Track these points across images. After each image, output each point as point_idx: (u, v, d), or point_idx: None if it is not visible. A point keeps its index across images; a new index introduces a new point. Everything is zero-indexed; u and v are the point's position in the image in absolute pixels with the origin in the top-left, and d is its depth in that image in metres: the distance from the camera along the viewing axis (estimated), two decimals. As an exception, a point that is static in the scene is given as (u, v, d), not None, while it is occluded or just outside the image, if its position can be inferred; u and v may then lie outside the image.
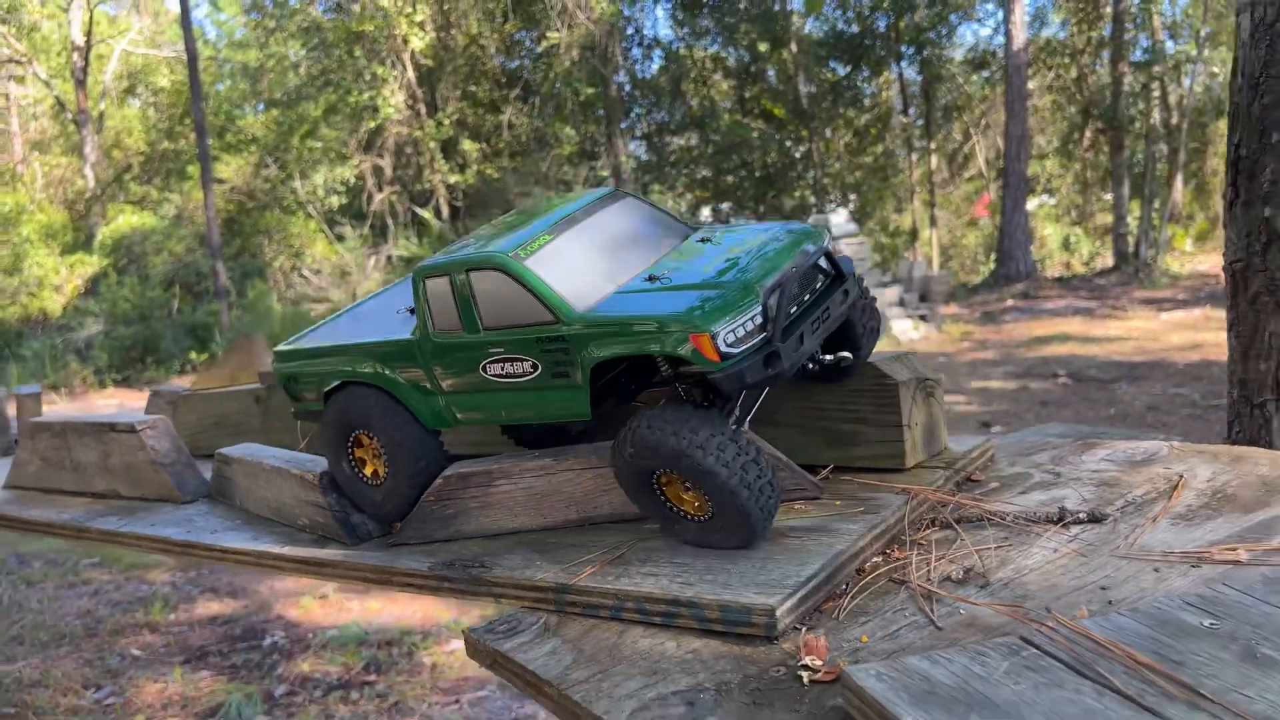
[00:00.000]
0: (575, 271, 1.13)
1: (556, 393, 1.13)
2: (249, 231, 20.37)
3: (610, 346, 1.07)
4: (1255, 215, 1.48)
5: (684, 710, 0.74)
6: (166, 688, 4.57)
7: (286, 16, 21.24)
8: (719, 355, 1.00)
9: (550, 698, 0.81)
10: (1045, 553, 0.95)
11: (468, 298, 1.16)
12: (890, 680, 0.68)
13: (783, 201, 23.81)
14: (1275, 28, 1.37)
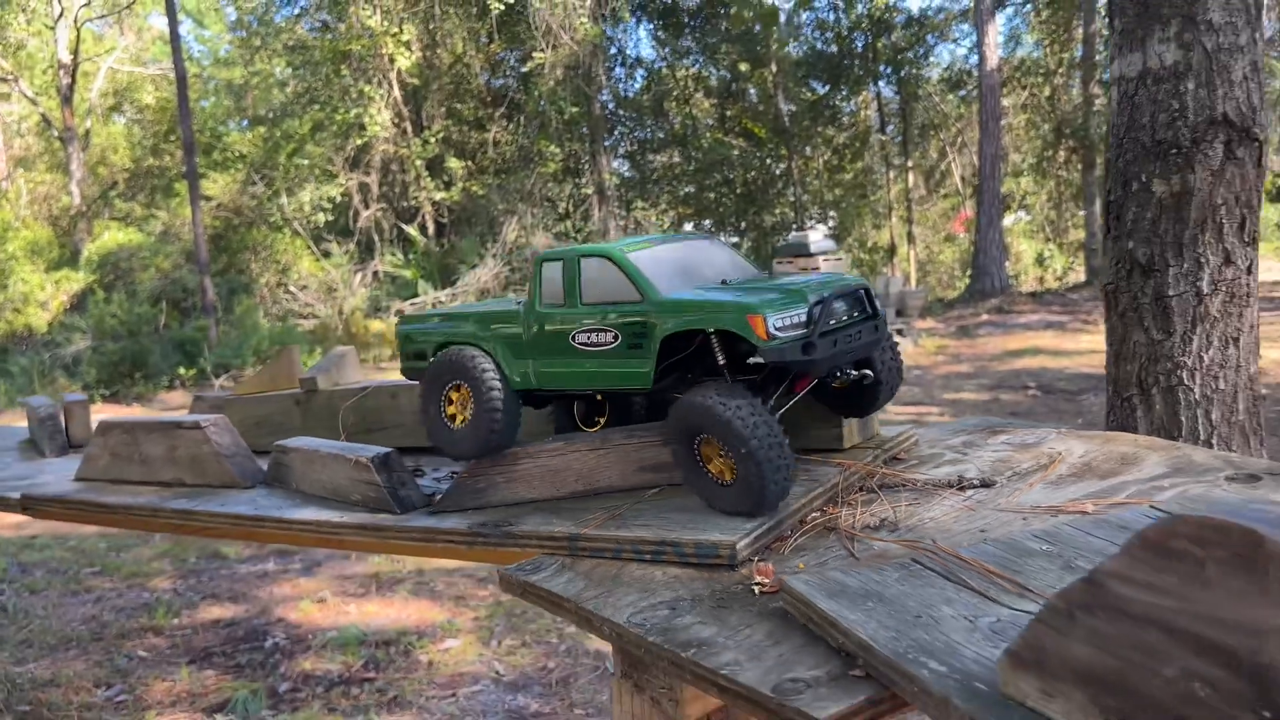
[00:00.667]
0: (664, 272, 1.42)
1: (629, 361, 1.39)
2: (236, 248, 20.55)
3: (681, 321, 1.33)
4: (1122, 248, 1.80)
5: (667, 613, 1.02)
6: (174, 685, 4.78)
7: (272, 35, 21.50)
8: (767, 335, 1.25)
9: (569, 610, 1.09)
10: (944, 508, 1.24)
11: (574, 278, 1.44)
12: (814, 585, 0.97)
13: (763, 218, 24.22)
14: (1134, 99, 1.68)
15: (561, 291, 1.46)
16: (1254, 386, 1.85)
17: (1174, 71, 1.74)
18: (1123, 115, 1.81)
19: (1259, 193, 1.80)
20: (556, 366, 1.47)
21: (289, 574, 6.43)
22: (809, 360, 1.28)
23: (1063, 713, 0.68)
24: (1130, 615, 0.62)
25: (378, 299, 18.51)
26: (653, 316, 1.36)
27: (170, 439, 1.86)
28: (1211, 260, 1.79)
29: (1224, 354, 1.80)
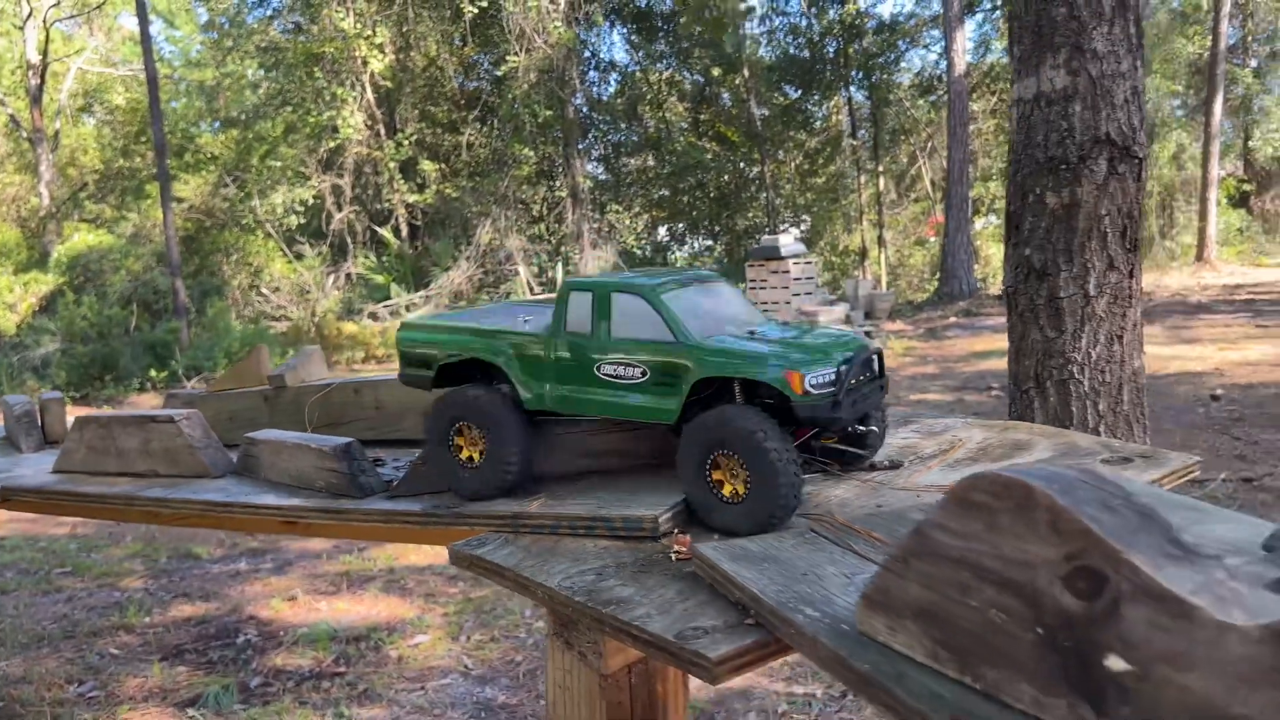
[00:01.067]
0: (693, 314, 1.49)
1: (656, 397, 1.45)
2: (208, 250, 20.49)
3: (720, 368, 1.40)
4: (1020, 254, 1.96)
5: (594, 577, 1.15)
6: (146, 681, 4.84)
7: (244, 36, 21.44)
8: (803, 391, 1.35)
9: (509, 578, 1.21)
10: (852, 487, 1.38)
11: (606, 311, 1.50)
12: (720, 549, 1.10)
13: (736, 222, 24.44)
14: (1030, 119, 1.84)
15: (590, 322, 1.51)
16: (1138, 379, 2.02)
17: (1064, 95, 1.90)
18: (1020, 134, 1.98)
19: (1140, 205, 1.96)
20: (576, 393, 1.52)
21: (260, 573, 6.49)
22: (835, 417, 1.37)
23: (903, 644, 0.82)
24: (947, 558, 0.76)
25: (351, 301, 18.53)
26: (686, 358, 1.43)
27: (145, 432, 1.96)
28: (1097, 265, 1.96)
29: (1109, 350, 1.97)
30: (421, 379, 1.68)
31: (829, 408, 1.36)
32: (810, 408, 1.36)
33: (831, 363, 1.40)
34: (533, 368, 1.56)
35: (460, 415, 1.58)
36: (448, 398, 1.61)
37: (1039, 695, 0.70)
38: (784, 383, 1.35)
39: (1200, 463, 1.38)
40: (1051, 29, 1.91)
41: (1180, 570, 0.61)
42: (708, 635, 0.97)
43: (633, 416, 1.50)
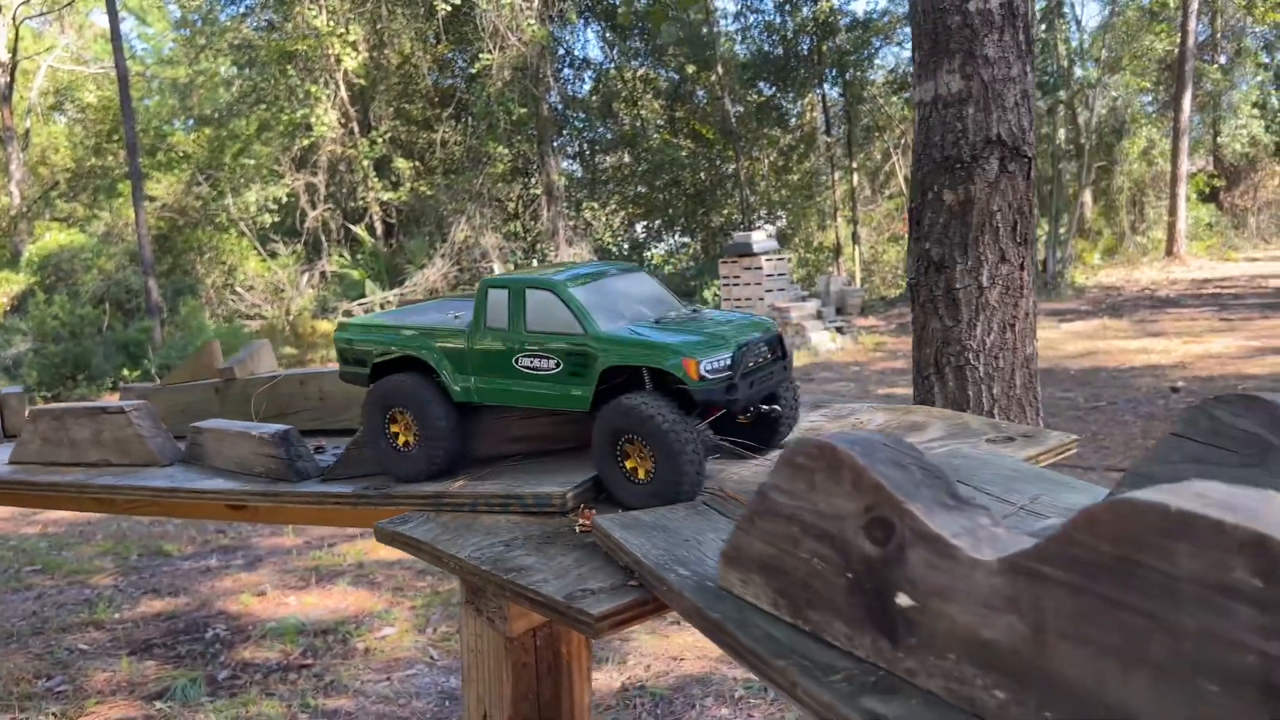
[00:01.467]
0: (603, 306, 1.58)
1: (567, 385, 1.53)
2: (181, 249, 20.40)
3: (624, 357, 1.48)
4: (921, 248, 2.07)
5: (502, 549, 1.24)
6: (114, 676, 4.90)
7: (217, 34, 21.35)
8: (698, 376, 1.43)
9: (425, 551, 1.30)
10: (756, 466, 1.48)
11: (520, 306, 1.58)
12: (615, 520, 1.20)
13: (711, 219, 24.55)
14: (928, 121, 1.94)
15: (506, 317, 1.60)
16: (1030, 365, 2.13)
17: (959, 98, 2.01)
18: (920, 134, 2.09)
19: (1030, 201, 2.07)
20: (498, 384, 1.60)
21: (231, 569, 6.54)
22: (732, 400, 1.46)
23: (752, 595, 0.92)
24: (781, 515, 0.86)
25: (325, 299, 18.51)
26: (593, 349, 1.51)
27: (96, 423, 2.04)
28: (989, 258, 2.07)
29: (1002, 338, 2.08)
30: (359, 376, 1.76)
31: (724, 391, 1.45)
32: (706, 392, 1.44)
33: (728, 348, 1.47)
34: (458, 362, 1.64)
35: (394, 402, 1.65)
36: (383, 385, 1.69)
37: (851, 633, 0.79)
38: (681, 369, 1.44)
39: (1077, 440, 1.49)
40: (947, 36, 2.02)
41: (950, 517, 0.71)
42: (594, 596, 1.06)
43: (550, 406, 1.58)
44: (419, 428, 1.62)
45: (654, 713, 4.21)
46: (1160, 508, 0.53)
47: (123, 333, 16.52)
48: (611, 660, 4.65)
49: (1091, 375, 11.09)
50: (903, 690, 0.73)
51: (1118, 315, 16.07)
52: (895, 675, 0.75)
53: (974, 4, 2.00)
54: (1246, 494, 0.53)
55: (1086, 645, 0.59)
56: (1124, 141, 25.01)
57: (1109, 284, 20.75)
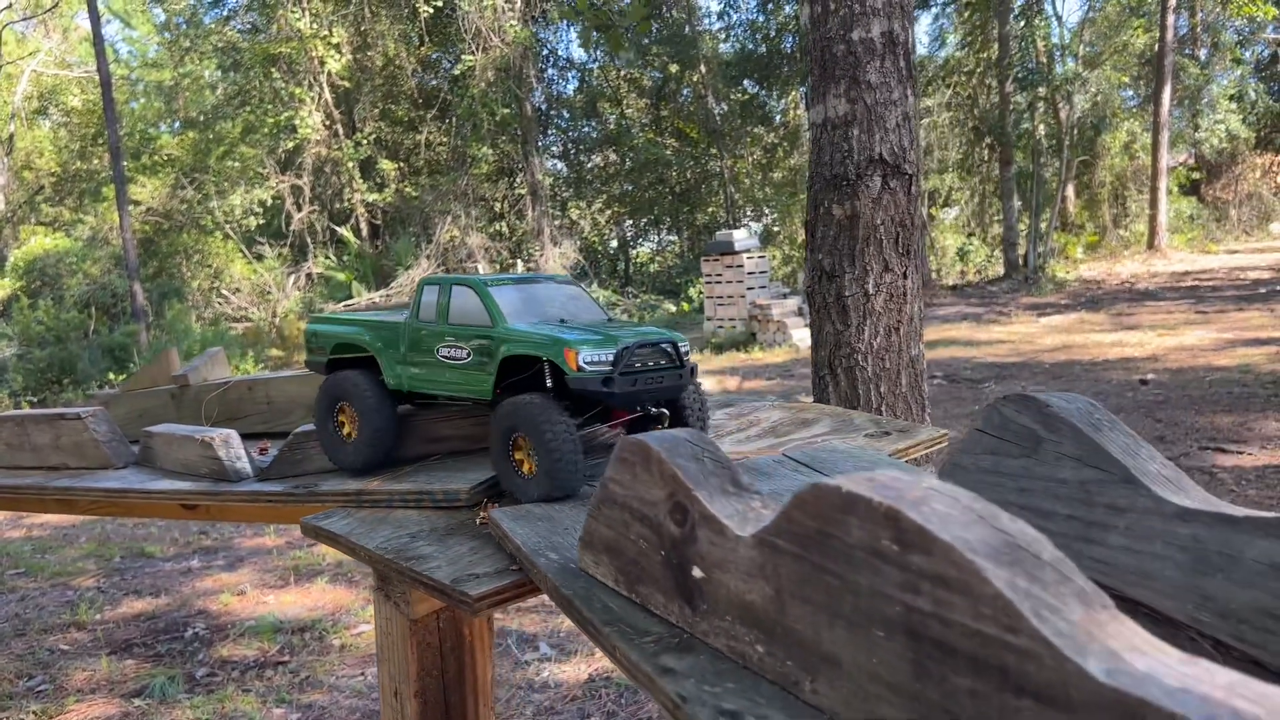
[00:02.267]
0: (517, 306, 1.71)
1: (476, 374, 1.66)
2: (166, 252, 20.45)
3: (517, 348, 1.60)
4: (815, 259, 2.22)
5: (407, 540, 1.37)
6: (94, 675, 5.01)
7: (201, 36, 21.39)
8: (577, 367, 1.52)
9: (342, 543, 1.43)
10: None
11: (446, 301, 1.72)
12: (507, 513, 1.33)
13: (697, 217, 24.70)
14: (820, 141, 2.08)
15: (435, 311, 1.74)
16: (915, 365, 2.27)
17: (845, 120, 2.15)
18: (813, 154, 2.24)
19: (912, 215, 2.21)
20: (422, 373, 1.73)
21: (211, 570, 6.65)
22: (607, 393, 1.55)
23: (601, 574, 1.05)
24: (616, 502, 0.98)
25: (312, 301, 18.58)
26: (496, 340, 1.64)
27: (55, 429, 2.16)
28: (874, 268, 2.21)
29: (888, 340, 2.22)
30: (318, 365, 1.91)
31: (600, 382, 1.54)
32: (581, 381, 1.54)
33: (612, 345, 1.57)
34: (393, 352, 1.78)
35: (341, 395, 1.79)
36: (330, 380, 1.82)
37: (665, 601, 0.92)
38: (561, 358, 1.55)
39: (946, 435, 1.62)
40: (833, 63, 2.15)
41: (728, 502, 0.84)
42: (477, 579, 1.18)
43: (458, 392, 1.70)
44: (360, 420, 1.75)
45: (619, 702, 4.33)
46: (836, 489, 0.66)
47: (108, 337, 16.58)
48: (580, 652, 4.78)
49: (1065, 369, 11.25)
50: (696, 649, 0.86)
51: (1096, 309, 16.25)
52: (694, 636, 0.88)
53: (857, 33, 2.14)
54: (904, 478, 0.66)
55: (807, 604, 0.72)
56: (1105, 136, 25.22)
57: (1090, 278, 20.95)
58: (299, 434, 1.78)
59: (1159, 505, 0.84)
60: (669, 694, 0.78)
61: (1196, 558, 0.80)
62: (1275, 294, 15.60)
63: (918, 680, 0.62)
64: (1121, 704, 0.49)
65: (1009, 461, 1.03)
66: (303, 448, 1.76)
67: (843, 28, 2.16)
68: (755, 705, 0.74)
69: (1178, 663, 0.50)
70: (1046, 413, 0.99)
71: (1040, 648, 0.53)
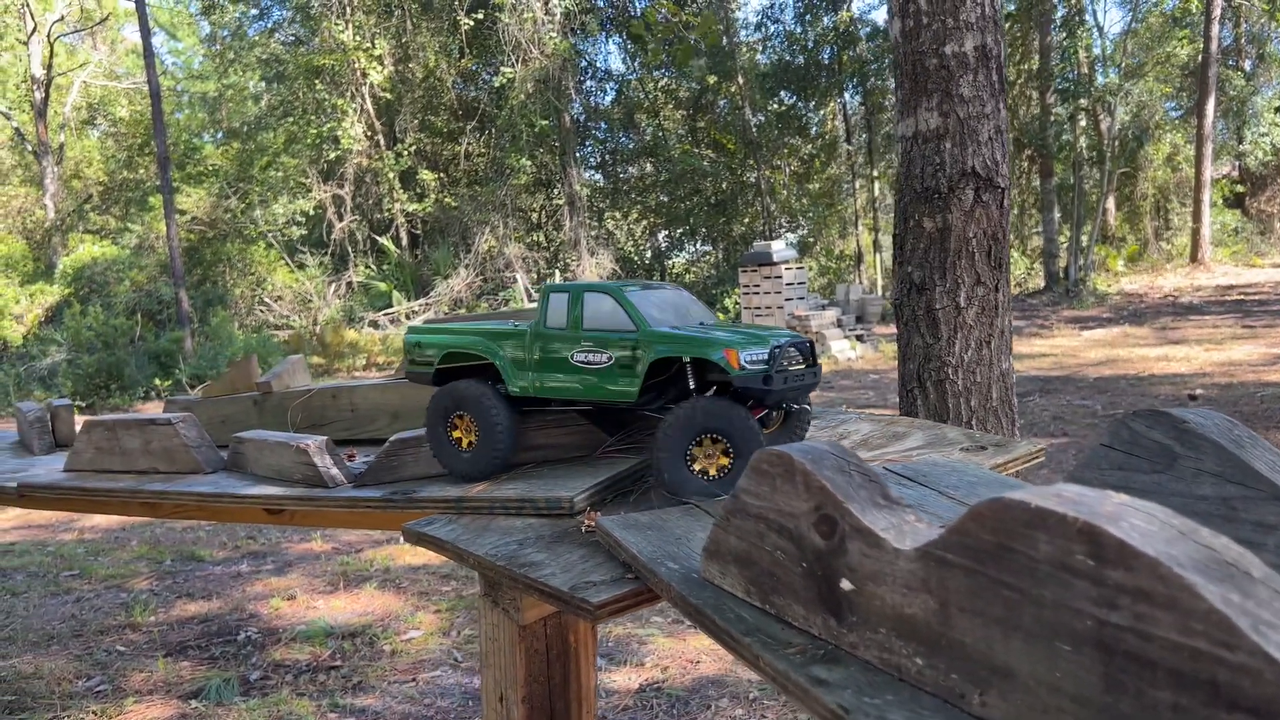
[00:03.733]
0: (652, 311, 1.73)
1: (619, 378, 1.67)
2: (210, 260, 20.77)
3: (672, 349, 1.63)
4: (904, 271, 2.21)
5: (516, 547, 1.39)
6: (152, 676, 5.08)
7: (245, 48, 21.75)
8: (739, 366, 1.56)
9: (448, 549, 1.45)
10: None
11: (578, 308, 1.74)
12: (615, 521, 1.34)
13: (733, 228, 24.69)
14: (910, 155, 2.08)
15: (566, 317, 1.74)
16: (1005, 379, 2.27)
17: (936, 134, 2.16)
18: (903, 167, 2.24)
19: (1004, 229, 2.21)
20: (556, 380, 1.74)
21: (261, 574, 6.73)
22: (766, 390, 1.58)
23: (729, 585, 1.06)
24: (749, 514, 1.00)
25: (352, 310, 18.79)
26: (642, 344, 1.66)
27: (145, 434, 2.21)
28: (966, 280, 2.21)
29: (979, 354, 2.22)
30: (424, 375, 1.91)
31: (760, 380, 1.58)
32: (744, 379, 1.58)
33: (765, 345, 1.61)
34: (519, 361, 1.78)
35: (456, 407, 1.79)
36: (445, 392, 1.82)
37: (806, 614, 0.93)
38: (723, 359, 1.58)
39: (1044, 450, 1.61)
40: (925, 77, 2.16)
41: (881, 514, 0.85)
42: (595, 587, 1.20)
43: (601, 397, 1.72)
44: (479, 429, 1.76)
45: (670, 713, 4.33)
46: (1023, 504, 0.67)
47: (154, 343, 16.85)
48: (630, 662, 4.79)
49: (1111, 383, 11.11)
50: (845, 660, 0.87)
51: (1139, 322, 16.04)
52: (840, 648, 0.89)
53: (950, 48, 2.15)
54: (1092, 494, 0.67)
55: (978, 617, 0.73)
56: (1147, 147, 24.92)
57: (1132, 291, 20.68)
58: (396, 440, 1.81)
59: (1316, 523, 0.84)
60: (828, 705, 0.79)
61: (1360, 576, 0.79)
62: (1326, 309, 15.32)
63: (1108, 693, 0.63)
64: (1355, 720, 0.49)
65: (1139, 477, 1.03)
66: (399, 455, 1.79)
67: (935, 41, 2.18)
68: (920, 716, 0.75)
69: None
70: (1183, 429, 0.99)
71: (1260, 663, 0.54)
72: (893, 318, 6.14)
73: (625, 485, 1.68)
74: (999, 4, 2.27)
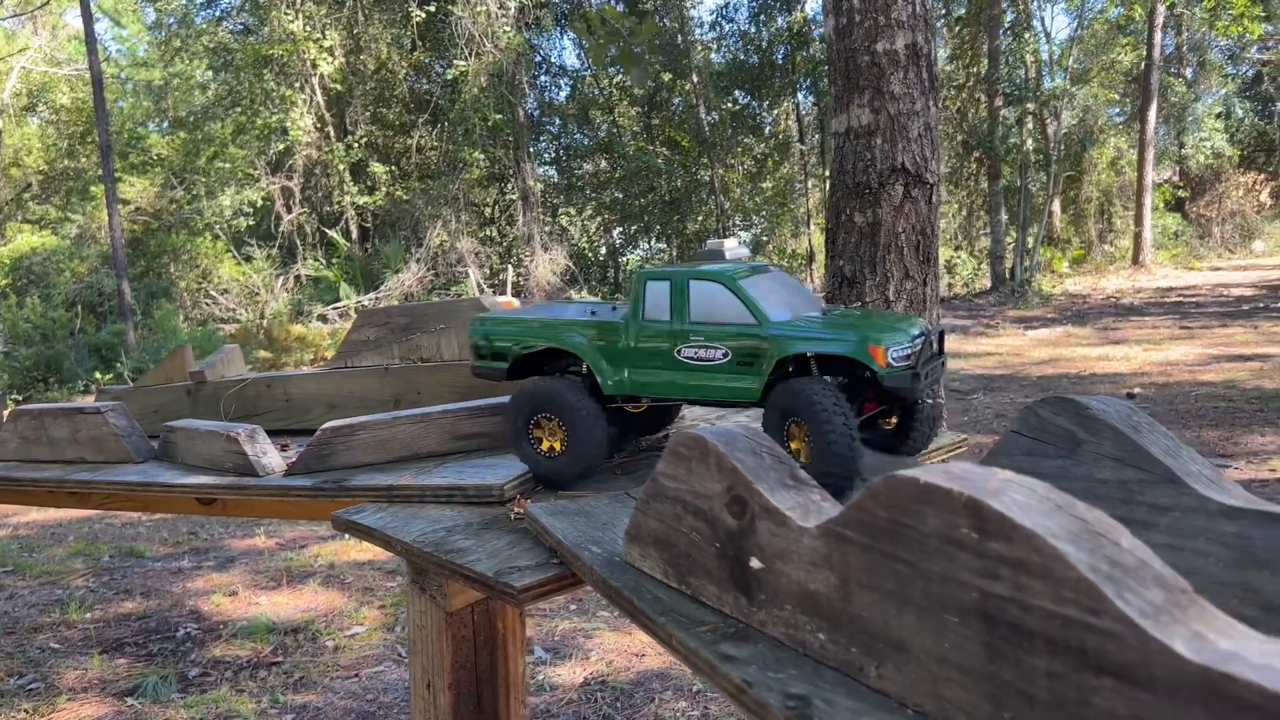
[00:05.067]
0: (770, 300, 1.56)
1: (739, 377, 1.52)
2: (155, 252, 20.35)
3: (802, 346, 1.46)
4: (836, 265, 2.26)
5: (444, 534, 1.39)
6: (86, 673, 4.98)
7: (192, 36, 21.34)
8: (886, 364, 1.42)
9: (377, 537, 1.45)
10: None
11: (684, 298, 1.56)
12: (544, 508, 1.35)
13: (687, 225, 24.76)
14: (842, 150, 2.12)
15: (668, 309, 1.57)
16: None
17: (868, 130, 2.20)
18: (836, 162, 2.28)
19: (933, 224, 2.26)
20: (657, 376, 1.57)
21: (203, 570, 6.62)
22: (915, 388, 1.44)
23: (649, 567, 1.07)
24: (668, 496, 1.01)
25: (300, 303, 18.53)
26: (768, 340, 1.50)
27: (73, 423, 2.16)
28: (895, 275, 2.26)
29: None
30: (495, 371, 1.72)
31: (910, 379, 1.45)
32: (894, 378, 1.44)
33: (907, 337, 1.48)
34: (611, 355, 1.61)
35: (541, 408, 1.61)
36: (529, 391, 1.64)
37: (720, 593, 0.95)
38: (868, 356, 1.44)
39: (966, 439, 1.65)
40: (857, 74, 2.21)
41: (788, 494, 0.87)
42: (519, 572, 1.21)
43: (717, 396, 1.56)
44: (569, 434, 1.59)
45: (614, 705, 4.34)
46: (914, 480, 0.69)
47: (95, 336, 16.48)
48: (575, 656, 4.79)
49: (1053, 382, 11.34)
50: (754, 637, 0.88)
51: (1082, 323, 16.38)
52: (751, 626, 0.90)
53: (881, 45, 2.20)
54: (980, 471, 0.69)
55: (875, 591, 0.75)
56: (1092, 151, 25.46)
57: (1076, 292, 21.13)
58: (327, 429, 1.79)
59: (1203, 504, 0.87)
60: (733, 680, 0.80)
61: (1241, 554, 0.83)
62: (1259, 310, 15.78)
63: (991, 662, 0.65)
64: (1207, 680, 0.52)
65: (1046, 463, 1.06)
66: (330, 443, 1.78)
67: (867, 39, 2.22)
68: (820, 689, 0.77)
69: (1260, 642, 0.53)
70: (1086, 414, 1.02)
71: (1124, 628, 0.56)
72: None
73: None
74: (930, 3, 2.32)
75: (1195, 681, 0.52)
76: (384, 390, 2.22)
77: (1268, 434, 7.74)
